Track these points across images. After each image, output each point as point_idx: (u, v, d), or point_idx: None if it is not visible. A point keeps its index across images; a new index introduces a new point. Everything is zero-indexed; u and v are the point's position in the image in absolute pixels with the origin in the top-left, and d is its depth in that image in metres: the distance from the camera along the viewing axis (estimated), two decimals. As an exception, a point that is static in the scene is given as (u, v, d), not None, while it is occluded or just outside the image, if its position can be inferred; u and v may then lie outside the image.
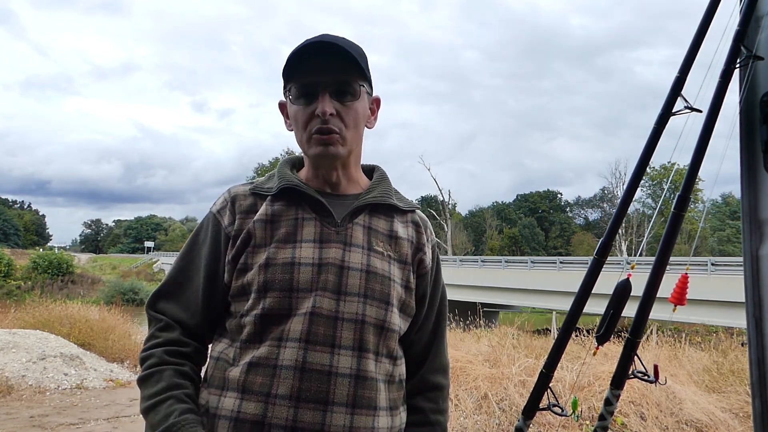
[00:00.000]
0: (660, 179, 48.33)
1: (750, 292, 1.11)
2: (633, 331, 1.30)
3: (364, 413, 1.05)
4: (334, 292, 1.07)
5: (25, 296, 25.13)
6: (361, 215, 1.16)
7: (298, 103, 1.11)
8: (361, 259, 1.11)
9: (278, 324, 1.06)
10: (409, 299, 1.18)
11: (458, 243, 51.20)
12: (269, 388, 1.02)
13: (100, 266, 43.98)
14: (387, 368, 1.13)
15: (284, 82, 1.14)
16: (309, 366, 1.03)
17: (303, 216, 1.13)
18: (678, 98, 1.27)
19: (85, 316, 10.42)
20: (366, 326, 1.08)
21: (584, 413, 4.91)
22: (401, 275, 1.16)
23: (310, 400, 1.02)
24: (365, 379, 1.07)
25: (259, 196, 1.16)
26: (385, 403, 1.11)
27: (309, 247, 1.10)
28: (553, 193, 67.24)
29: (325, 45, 1.07)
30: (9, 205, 76.28)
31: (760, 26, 1.13)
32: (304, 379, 1.02)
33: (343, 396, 1.03)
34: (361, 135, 1.18)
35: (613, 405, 1.34)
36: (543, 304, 23.95)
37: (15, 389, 6.94)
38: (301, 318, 1.05)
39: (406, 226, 1.21)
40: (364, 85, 1.14)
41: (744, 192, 1.13)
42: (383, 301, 1.11)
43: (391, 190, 1.22)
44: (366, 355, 1.08)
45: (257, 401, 1.02)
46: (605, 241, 1.41)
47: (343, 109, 1.11)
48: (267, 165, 52.93)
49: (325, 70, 1.08)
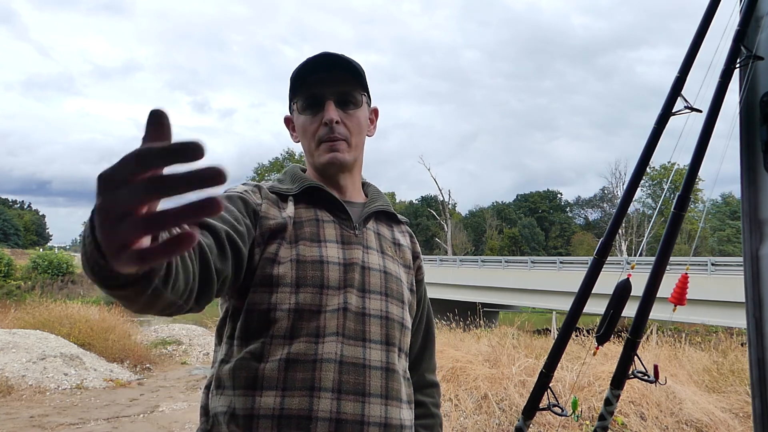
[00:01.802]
0: (660, 179, 48.34)
1: (750, 292, 1.11)
2: (633, 331, 1.30)
3: (394, 404, 1.11)
4: (359, 290, 1.13)
5: (25, 296, 25.14)
6: (370, 221, 1.24)
7: (305, 113, 1.18)
8: (378, 261, 1.18)
9: (310, 320, 1.08)
10: (413, 302, 1.26)
11: (458, 243, 51.22)
12: (312, 382, 1.04)
13: (100, 266, 43.94)
14: (404, 364, 1.19)
15: (290, 96, 1.21)
16: (346, 359, 1.07)
17: (322, 218, 1.18)
18: (678, 98, 1.28)
19: (85, 316, 10.42)
20: (390, 322, 1.14)
21: (584, 413, 4.92)
22: (407, 278, 1.25)
23: (351, 392, 1.05)
24: (393, 372, 1.12)
25: (279, 195, 1.20)
26: (406, 396, 1.17)
27: (333, 247, 1.14)
28: (553, 193, 67.26)
29: (327, 59, 1.16)
30: (9, 205, 76.31)
31: (760, 26, 1.14)
32: (344, 372, 1.06)
33: (377, 387, 1.08)
34: (364, 142, 1.25)
35: (613, 405, 1.34)
36: (543, 304, 23.94)
37: (15, 389, 6.95)
38: (335, 314, 1.09)
39: (404, 235, 1.32)
40: (365, 95, 1.22)
41: (744, 192, 1.13)
42: (400, 300, 1.19)
43: (389, 202, 1.32)
44: (392, 349, 1.14)
45: (302, 396, 1.03)
46: (605, 241, 1.41)
47: (346, 117, 1.18)
48: (267, 165, 52.90)
49: (328, 82, 1.16)
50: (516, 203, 67.00)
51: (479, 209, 65.18)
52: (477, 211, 64.90)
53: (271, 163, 52.04)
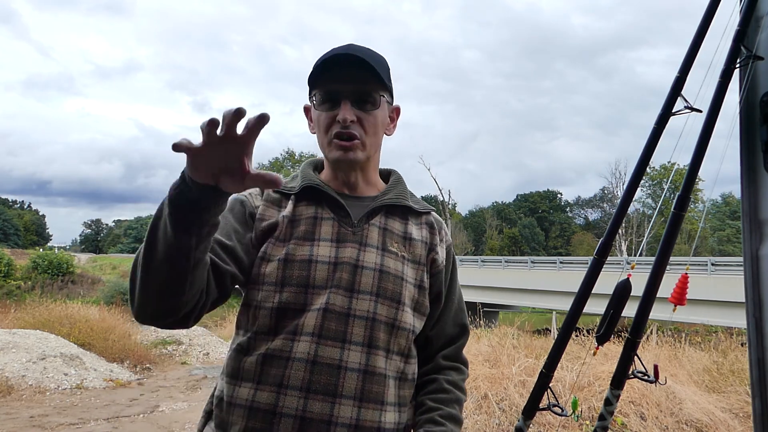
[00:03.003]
0: (660, 179, 48.31)
1: (750, 292, 1.11)
2: (633, 331, 1.30)
3: (371, 407, 1.09)
4: (347, 290, 1.12)
5: (25, 296, 25.11)
6: (377, 216, 1.22)
7: (321, 108, 1.18)
8: (375, 259, 1.16)
9: (292, 318, 1.10)
10: (423, 298, 1.22)
11: (458, 243, 51.19)
12: (281, 379, 1.07)
13: (100, 266, 43.95)
14: (398, 365, 1.17)
15: (309, 87, 1.21)
16: (320, 359, 1.07)
17: (322, 215, 1.19)
18: (678, 98, 1.28)
19: (85, 316, 10.42)
20: (377, 324, 1.13)
21: (584, 413, 4.91)
22: (414, 275, 1.21)
23: (320, 392, 1.06)
24: (373, 375, 1.11)
25: (283, 194, 1.22)
26: (394, 399, 1.15)
27: (326, 246, 1.15)
28: (553, 193, 67.25)
29: (349, 56, 1.14)
30: (9, 205, 76.30)
31: (760, 26, 1.13)
32: (315, 372, 1.07)
33: (351, 390, 1.08)
34: (380, 141, 1.25)
35: (613, 405, 1.34)
36: (543, 304, 23.94)
37: (15, 389, 6.94)
38: (315, 313, 1.09)
39: (420, 228, 1.27)
40: (384, 95, 1.21)
41: (744, 192, 1.13)
42: (395, 300, 1.16)
43: (406, 193, 1.29)
44: (376, 351, 1.12)
45: (270, 391, 1.07)
46: (605, 241, 1.41)
47: (363, 116, 1.17)
48: (267, 165, 52.79)
49: (347, 79, 1.15)
50: (516, 203, 67.02)
51: (479, 209, 65.20)
52: (477, 211, 64.92)
53: (271, 163, 52.06)
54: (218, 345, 11.29)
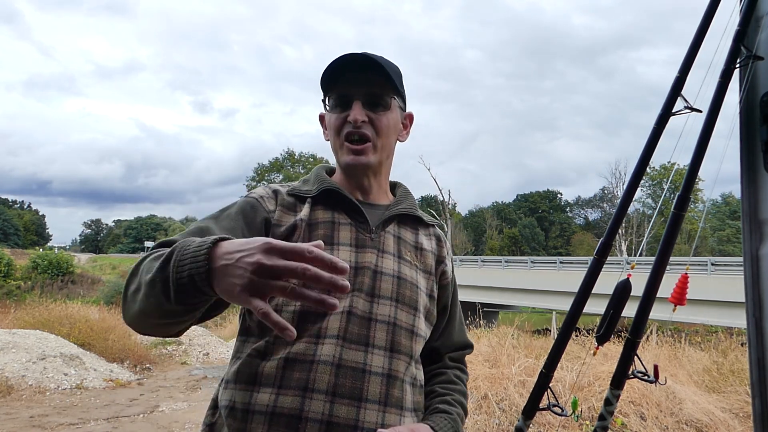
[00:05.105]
0: (660, 179, 48.32)
1: (750, 292, 1.11)
2: (633, 331, 1.30)
3: (393, 412, 1.09)
4: (368, 294, 1.12)
5: (25, 296, 25.14)
6: (391, 224, 1.22)
7: (333, 111, 1.18)
8: (392, 266, 1.17)
9: (314, 322, 1.08)
10: (432, 308, 1.24)
11: (458, 243, 51.17)
12: (306, 383, 1.04)
13: (100, 266, 44.00)
14: (413, 372, 1.17)
15: (323, 93, 1.20)
16: (345, 363, 1.06)
17: (339, 220, 1.18)
18: (678, 98, 1.27)
19: (85, 316, 10.42)
20: (398, 329, 1.13)
21: (584, 413, 4.91)
22: (426, 284, 1.23)
23: (345, 396, 1.04)
24: (395, 379, 1.10)
25: (298, 198, 1.20)
26: (411, 404, 1.14)
27: (346, 251, 1.14)
28: (553, 193, 67.24)
29: (361, 60, 1.15)
30: (9, 205, 76.27)
31: (760, 26, 1.13)
32: (340, 375, 1.05)
33: (376, 394, 1.07)
34: (392, 146, 1.24)
35: (613, 405, 1.34)
36: (543, 304, 23.94)
37: (15, 389, 6.94)
38: (338, 317, 1.08)
39: (429, 239, 1.29)
40: (396, 98, 1.21)
41: (744, 192, 1.13)
42: (412, 307, 1.16)
43: (416, 204, 1.30)
44: (398, 356, 1.12)
45: (294, 395, 1.03)
46: (605, 241, 1.41)
47: (375, 117, 1.17)
48: (267, 165, 52.78)
49: (359, 82, 1.16)
50: (516, 203, 67.03)
51: (479, 209, 65.21)
52: (477, 211, 64.92)
53: (271, 163, 52.03)
54: (218, 345, 11.29)
